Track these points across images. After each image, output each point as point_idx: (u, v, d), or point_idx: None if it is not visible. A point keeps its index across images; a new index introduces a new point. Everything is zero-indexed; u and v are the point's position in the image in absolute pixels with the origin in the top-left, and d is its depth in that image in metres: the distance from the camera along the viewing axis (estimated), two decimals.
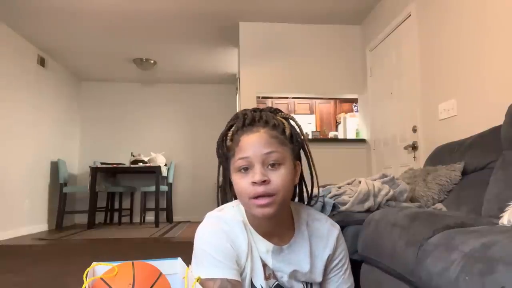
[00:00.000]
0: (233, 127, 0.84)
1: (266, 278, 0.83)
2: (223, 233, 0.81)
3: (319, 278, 0.87)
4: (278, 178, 0.76)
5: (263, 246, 0.83)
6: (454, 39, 2.55)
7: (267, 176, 0.75)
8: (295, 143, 0.85)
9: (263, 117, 0.82)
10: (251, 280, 0.82)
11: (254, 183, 0.75)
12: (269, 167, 0.77)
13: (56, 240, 4.21)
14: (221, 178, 0.89)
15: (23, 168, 4.69)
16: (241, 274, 0.81)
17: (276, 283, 0.84)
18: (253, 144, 0.78)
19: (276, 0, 3.79)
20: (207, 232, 0.82)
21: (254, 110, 0.86)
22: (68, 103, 6.00)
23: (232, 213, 0.85)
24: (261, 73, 4.17)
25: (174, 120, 6.64)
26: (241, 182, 0.77)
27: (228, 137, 0.83)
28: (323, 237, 0.88)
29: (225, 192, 0.90)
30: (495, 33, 2.17)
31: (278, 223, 0.84)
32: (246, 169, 0.77)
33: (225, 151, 0.84)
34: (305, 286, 0.86)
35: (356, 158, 4.07)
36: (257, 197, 0.75)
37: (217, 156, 0.88)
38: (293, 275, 0.84)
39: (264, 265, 0.83)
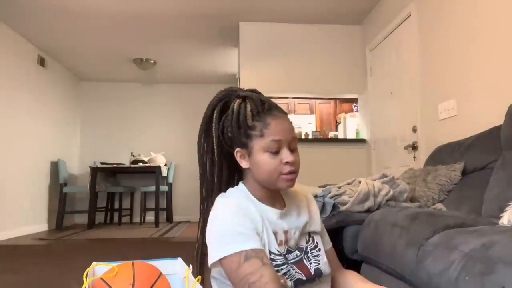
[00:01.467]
0: (248, 105, 0.89)
1: (278, 244, 0.89)
2: (237, 208, 0.85)
3: (318, 227, 1.00)
4: (298, 159, 0.90)
5: (273, 214, 0.90)
6: (454, 39, 2.55)
7: (294, 157, 0.88)
8: None
9: (274, 104, 0.92)
10: (269, 249, 0.87)
11: (287, 162, 0.86)
12: (289, 150, 0.88)
13: (56, 240, 4.21)
14: (208, 163, 0.96)
15: (23, 168, 4.69)
16: None
17: (287, 248, 0.91)
18: (284, 129, 0.87)
19: (276, 0, 3.79)
20: (222, 212, 0.85)
21: (253, 91, 0.95)
22: (68, 103, 6.00)
23: (238, 193, 0.92)
24: (261, 73, 4.17)
25: (174, 120, 6.64)
26: (272, 161, 0.86)
27: (247, 117, 0.88)
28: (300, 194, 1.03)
29: (214, 178, 0.96)
30: (495, 33, 2.17)
31: (278, 192, 0.95)
32: (276, 152, 0.86)
33: (246, 130, 0.88)
34: (307, 239, 0.96)
35: (356, 158, 4.07)
36: (288, 173, 0.86)
37: (206, 131, 0.94)
38: (304, 228, 0.95)
39: (275, 233, 0.89)
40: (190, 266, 0.85)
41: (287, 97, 5.80)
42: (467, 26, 2.42)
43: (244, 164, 0.91)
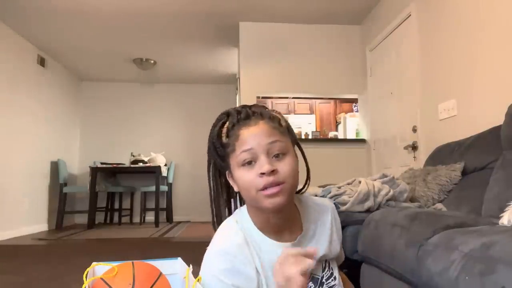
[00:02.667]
0: (226, 123, 0.80)
1: None
2: (228, 274, 0.76)
3: (338, 248, 0.88)
4: (285, 166, 0.74)
5: (278, 249, 0.76)
6: (454, 39, 2.55)
7: (275, 166, 0.74)
8: (292, 135, 0.83)
9: (257, 111, 0.80)
10: None
11: (262, 174, 0.72)
12: (274, 158, 0.75)
13: (56, 240, 4.21)
14: (212, 184, 0.87)
15: (23, 168, 4.69)
16: None
17: None
18: (255, 135, 0.75)
19: (276, 0, 3.79)
20: (212, 277, 0.76)
21: (243, 106, 0.83)
22: (68, 103, 6.00)
23: (233, 237, 0.80)
24: (261, 73, 4.17)
25: (174, 120, 6.64)
26: (247, 175, 0.74)
27: (222, 134, 0.79)
28: (326, 213, 0.89)
29: (219, 204, 0.88)
30: (495, 33, 2.17)
31: (286, 215, 0.81)
32: (250, 162, 0.75)
33: (220, 150, 0.80)
34: (323, 266, 0.86)
35: (356, 158, 4.07)
36: (266, 187, 0.73)
37: (208, 157, 0.85)
38: (322, 256, 0.84)
39: None
40: (191, 266, 0.85)
41: (287, 97, 5.81)
42: (467, 26, 2.42)
43: (235, 187, 0.81)
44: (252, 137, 0.75)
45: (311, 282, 0.83)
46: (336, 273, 0.87)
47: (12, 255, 3.29)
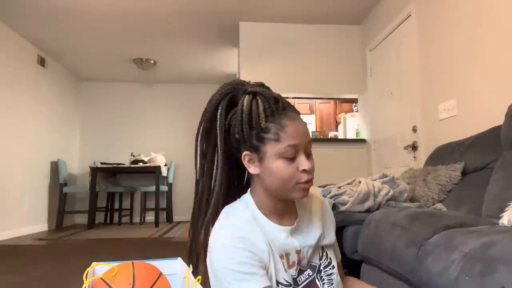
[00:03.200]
0: (260, 104, 0.78)
1: (290, 266, 0.81)
2: (241, 242, 0.76)
3: (332, 238, 0.92)
4: (313, 164, 0.81)
5: (282, 233, 0.82)
6: (454, 39, 2.55)
7: (312, 164, 0.80)
8: None
9: (290, 104, 0.82)
10: (276, 279, 0.79)
11: (304, 170, 0.78)
12: (307, 155, 0.80)
13: (56, 240, 4.21)
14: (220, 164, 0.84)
15: (23, 168, 4.69)
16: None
17: (299, 268, 0.83)
18: (301, 133, 0.79)
19: (276, 0, 3.79)
20: (225, 247, 0.76)
21: (264, 86, 0.83)
22: (68, 103, 6.00)
23: (241, 211, 0.82)
24: (261, 73, 4.16)
25: (174, 120, 6.64)
26: (288, 168, 0.77)
27: (261, 118, 0.77)
28: (316, 201, 0.94)
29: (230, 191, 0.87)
30: (495, 33, 2.17)
31: (290, 202, 0.86)
32: (292, 158, 0.77)
33: (258, 132, 0.77)
34: (320, 254, 0.88)
35: (356, 158, 4.07)
36: (306, 182, 0.79)
37: (220, 130, 0.82)
38: (317, 242, 0.87)
39: (286, 255, 0.81)
40: (191, 266, 0.85)
41: (287, 97, 5.74)
42: (467, 26, 2.42)
43: (252, 169, 0.81)
44: (300, 133, 0.78)
45: (309, 269, 0.84)
46: (334, 263, 0.89)
47: (12, 255, 3.29)
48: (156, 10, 3.98)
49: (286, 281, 0.79)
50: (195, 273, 0.84)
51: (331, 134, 5.22)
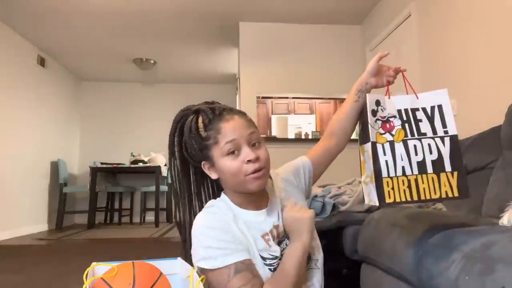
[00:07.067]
0: (199, 119, 0.90)
1: (272, 241, 0.89)
2: (220, 221, 0.86)
3: (300, 196, 1.03)
4: (264, 153, 0.88)
5: (259, 216, 0.91)
6: (454, 39, 2.55)
7: (257, 154, 0.86)
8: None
9: (226, 107, 0.92)
10: (260, 255, 0.87)
11: (249, 161, 0.84)
12: (252, 146, 0.87)
13: (56, 240, 4.21)
14: (178, 178, 0.97)
15: (23, 168, 4.69)
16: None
17: (278, 240, 0.91)
18: (236, 128, 0.86)
19: (276, 0, 3.79)
20: (205, 227, 0.85)
21: (208, 103, 0.95)
22: (68, 103, 6.00)
23: (220, 205, 0.91)
24: (261, 73, 4.17)
25: None
26: (233, 163, 0.85)
27: (200, 129, 0.89)
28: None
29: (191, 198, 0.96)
30: (495, 33, 2.17)
31: (262, 191, 0.94)
32: (233, 152, 0.85)
33: (199, 143, 0.89)
34: None
35: (356, 158, 4.04)
36: (254, 172, 0.85)
37: (173, 154, 0.96)
38: None
39: (270, 232, 0.89)
40: (193, 266, 0.85)
41: (287, 97, 5.79)
42: (467, 26, 2.42)
43: (213, 175, 0.91)
44: (235, 128, 0.86)
45: (286, 239, 0.92)
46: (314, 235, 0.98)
47: (12, 255, 3.29)
48: (156, 10, 3.98)
49: (271, 255, 0.87)
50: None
51: None
